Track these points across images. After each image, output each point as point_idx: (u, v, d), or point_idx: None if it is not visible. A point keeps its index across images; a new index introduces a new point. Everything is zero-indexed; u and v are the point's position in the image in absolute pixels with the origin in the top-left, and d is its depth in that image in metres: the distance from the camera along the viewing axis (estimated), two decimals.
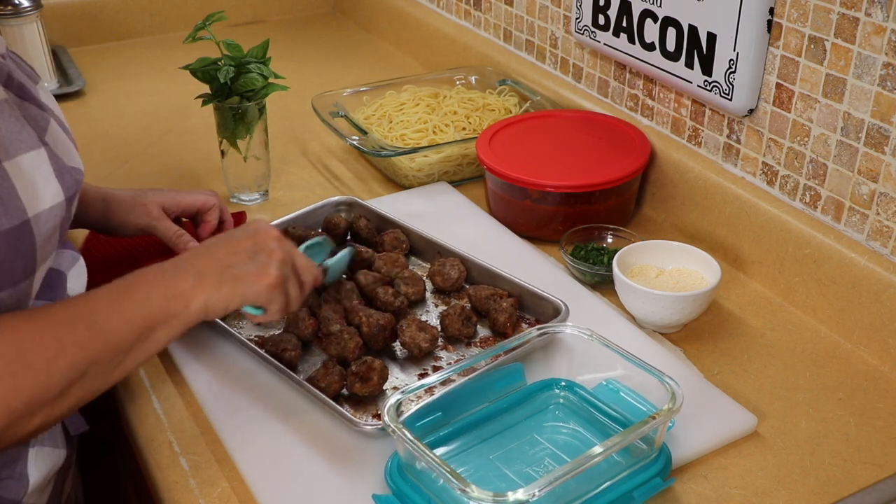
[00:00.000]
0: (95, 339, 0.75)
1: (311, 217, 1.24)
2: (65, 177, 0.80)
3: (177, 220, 1.16)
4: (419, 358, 1.01)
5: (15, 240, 0.74)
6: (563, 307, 1.02)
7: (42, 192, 0.77)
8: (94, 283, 1.09)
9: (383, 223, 1.23)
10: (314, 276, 0.94)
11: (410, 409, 0.86)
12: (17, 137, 0.76)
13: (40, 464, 0.86)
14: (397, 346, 1.03)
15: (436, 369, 0.99)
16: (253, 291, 0.84)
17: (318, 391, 0.92)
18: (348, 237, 1.23)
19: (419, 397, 0.90)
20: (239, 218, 1.27)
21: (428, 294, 1.12)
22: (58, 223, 0.79)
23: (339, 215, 1.23)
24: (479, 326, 1.06)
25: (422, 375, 0.99)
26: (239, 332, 1.05)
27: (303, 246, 1.02)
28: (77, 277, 0.93)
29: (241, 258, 0.85)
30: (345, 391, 0.95)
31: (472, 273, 1.12)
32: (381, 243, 1.18)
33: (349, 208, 1.26)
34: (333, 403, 0.90)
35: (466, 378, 0.90)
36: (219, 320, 1.02)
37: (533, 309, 1.06)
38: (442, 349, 1.02)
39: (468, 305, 1.08)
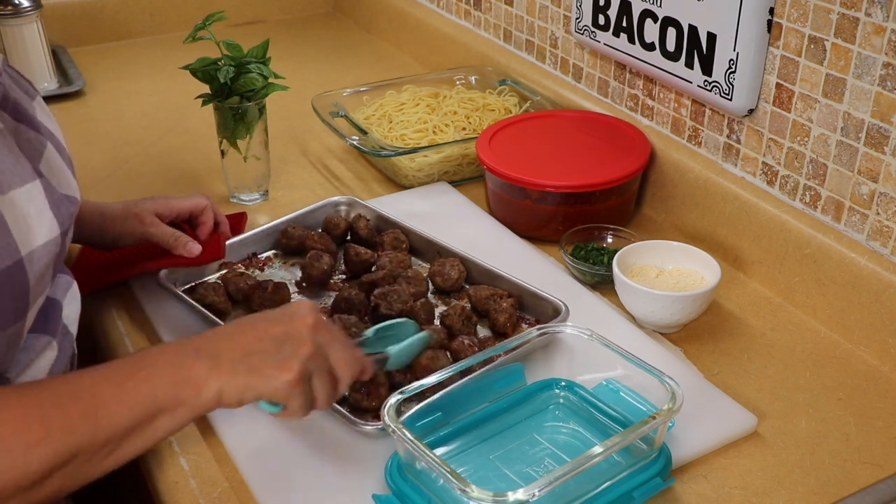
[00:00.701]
0: (87, 425, 0.68)
1: (311, 217, 1.24)
2: (60, 209, 0.76)
3: (173, 226, 1.15)
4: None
5: (7, 281, 0.70)
6: (563, 307, 1.02)
7: (36, 228, 0.73)
8: (87, 285, 1.09)
9: (383, 223, 1.23)
10: (355, 372, 0.82)
11: (410, 409, 0.86)
12: (10, 170, 0.72)
13: None
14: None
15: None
16: (269, 387, 0.75)
17: None
18: (348, 237, 1.23)
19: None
20: (240, 218, 1.27)
21: (429, 294, 1.12)
22: (52, 259, 0.75)
23: (338, 215, 1.23)
24: (479, 326, 1.06)
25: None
26: None
27: (377, 327, 0.93)
28: (71, 304, 0.90)
29: (266, 346, 0.76)
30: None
31: (473, 273, 1.12)
32: (381, 243, 1.18)
33: (349, 208, 1.26)
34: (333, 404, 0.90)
35: (466, 378, 0.90)
36: (217, 320, 1.02)
37: (533, 309, 1.06)
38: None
39: (468, 305, 1.08)
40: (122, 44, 2.02)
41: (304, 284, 1.13)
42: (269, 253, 1.21)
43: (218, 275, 1.15)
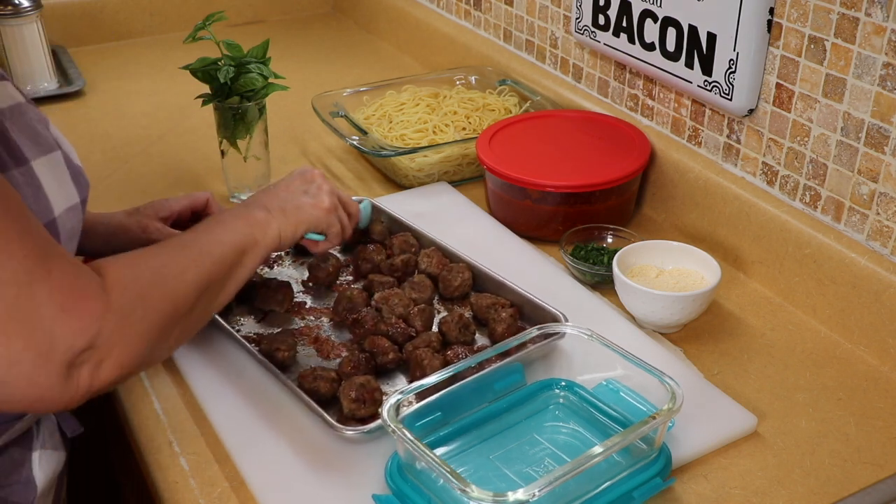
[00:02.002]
0: (207, 260, 0.82)
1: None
2: (79, 179, 0.82)
3: (177, 226, 1.16)
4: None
5: None
6: (562, 318, 1.01)
7: (62, 193, 0.78)
8: None
9: (396, 226, 1.22)
10: (356, 208, 1.06)
11: (409, 409, 0.86)
12: (38, 140, 0.77)
13: (45, 466, 0.86)
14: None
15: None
16: (315, 216, 0.97)
17: (302, 393, 0.92)
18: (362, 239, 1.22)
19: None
20: None
21: (435, 301, 1.11)
22: (77, 224, 0.80)
23: None
24: (478, 335, 1.05)
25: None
26: (237, 331, 1.05)
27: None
28: None
29: (296, 193, 0.98)
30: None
31: (478, 280, 1.11)
32: (391, 246, 1.18)
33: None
34: (316, 406, 0.90)
35: (466, 378, 0.90)
36: (218, 318, 1.02)
37: (532, 318, 1.05)
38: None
39: (468, 313, 1.08)
40: (122, 44, 2.02)
41: (310, 284, 1.13)
42: (280, 251, 1.21)
43: None
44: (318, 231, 0.99)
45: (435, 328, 1.05)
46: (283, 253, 1.20)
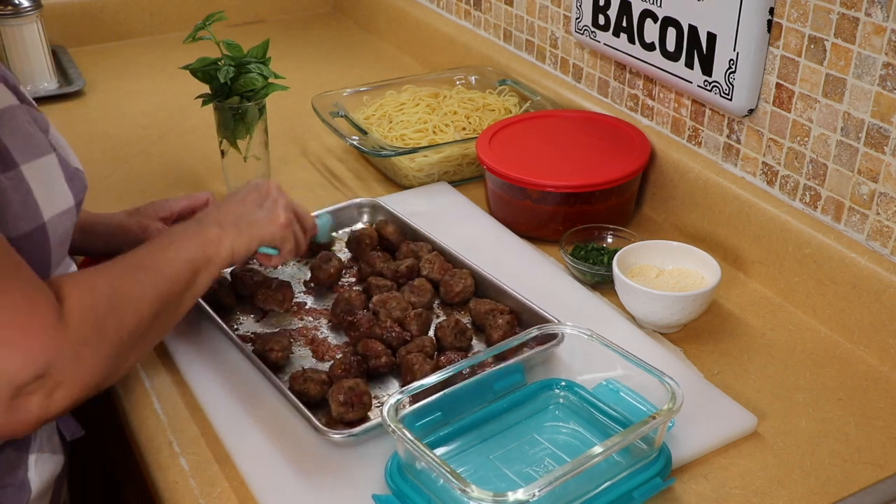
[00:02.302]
0: (163, 282, 0.82)
1: (333, 217, 1.24)
2: (74, 181, 0.82)
3: None
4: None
5: (32, 244, 0.75)
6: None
7: (55, 197, 0.78)
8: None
9: (404, 228, 1.21)
10: (312, 223, 1.06)
11: (409, 408, 0.86)
12: (31, 142, 0.77)
13: (41, 470, 0.86)
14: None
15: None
16: (268, 232, 0.96)
17: (291, 395, 0.92)
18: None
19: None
20: None
21: (435, 305, 1.11)
22: (70, 227, 0.80)
23: (367, 231, 1.20)
24: (476, 341, 1.05)
25: None
26: (234, 330, 1.05)
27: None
28: None
29: (251, 207, 0.97)
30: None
31: (479, 285, 1.11)
32: (399, 250, 1.17)
33: (372, 210, 1.26)
34: (304, 409, 0.89)
35: (467, 378, 0.90)
36: (217, 317, 1.02)
37: (530, 325, 1.03)
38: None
39: (466, 319, 1.07)
40: (122, 44, 2.02)
41: (311, 284, 1.13)
42: None
43: (228, 269, 1.15)
44: (271, 246, 0.99)
45: (431, 333, 1.05)
46: None
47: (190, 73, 1.27)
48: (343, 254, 1.21)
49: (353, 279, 1.16)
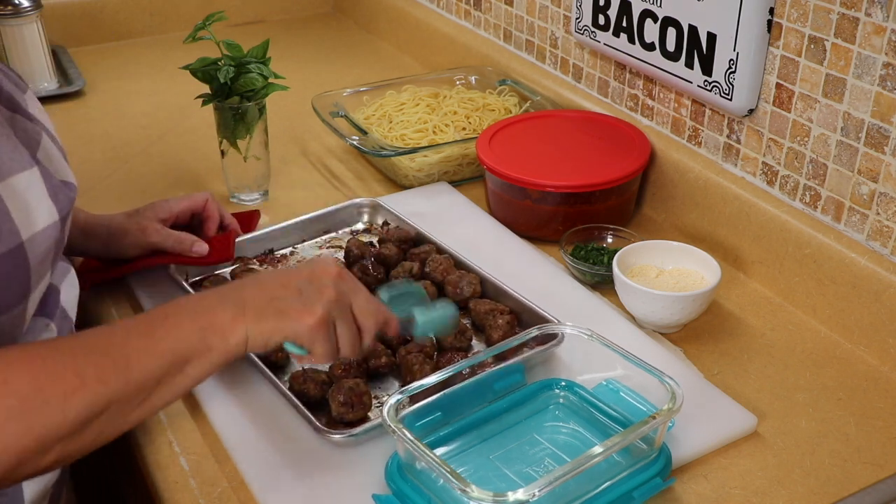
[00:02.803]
0: (120, 374, 0.70)
1: (333, 217, 1.25)
2: (58, 196, 0.78)
3: (179, 228, 1.15)
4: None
5: (9, 264, 0.72)
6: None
7: (36, 214, 0.75)
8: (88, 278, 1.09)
9: (404, 223, 1.22)
10: (380, 322, 0.84)
11: (410, 408, 0.86)
12: (9, 157, 0.74)
13: (33, 483, 0.84)
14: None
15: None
16: (293, 329, 0.77)
17: (292, 395, 0.92)
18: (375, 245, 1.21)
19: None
20: (252, 216, 1.27)
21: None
22: (52, 244, 0.77)
23: (360, 241, 1.19)
24: (476, 341, 1.05)
25: None
26: None
27: (388, 292, 0.91)
28: (69, 290, 0.91)
29: (291, 292, 0.79)
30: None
31: (483, 286, 1.11)
32: (411, 257, 1.17)
33: (372, 211, 1.26)
34: (304, 409, 0.90)
35: (467, 378, 0.90)
36: None
37: (531, 325, 1.04)
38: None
39: (466, 319, 1.07)
40: (122, 44, 2.02)
41: None
42: (286, 250, 1.21)
43: (230, 269, 1.15)
44: (297, 344, 0.80)
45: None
46: (287, 252, 1.21)
47: (190, 73, 1.27)
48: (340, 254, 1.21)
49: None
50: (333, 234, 1.25)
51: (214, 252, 1.13)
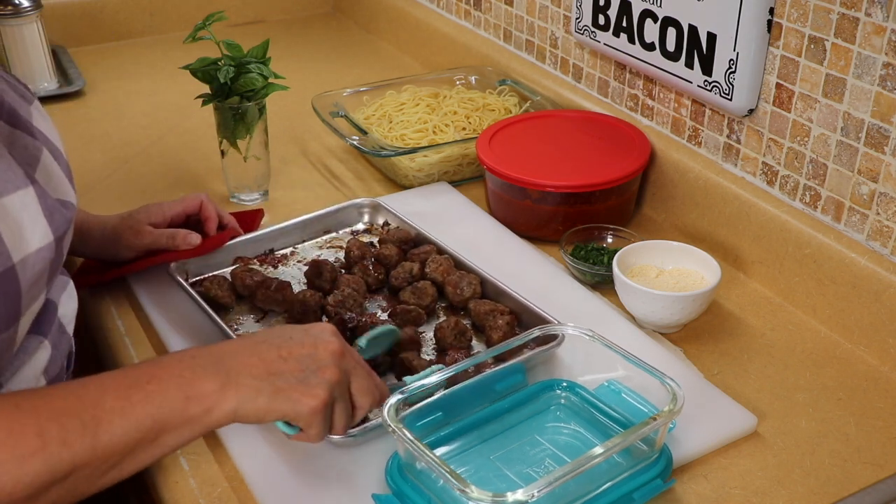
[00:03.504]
0: (86, 439, 0.65)
1: (334, 218, 1.24)
2: (54, 216, 0.76)
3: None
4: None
5: None
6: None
7: (29, 235, 0.72)
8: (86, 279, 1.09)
9: (404, 223, 1.22)
10: (375, 400, 0.82)
11: (410, 409, 0.86)
12: (2, 177, 0.72)
13: None
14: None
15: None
16: (293, 410, 0.74)
17: None
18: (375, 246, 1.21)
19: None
20: (255, 216, 1.27)
21: (437, 305, 1.11)
22: (46, 266, 0.75)
23: (360, 241, 1.19)
24: (476, 341, 1.05)
25: None
26: (235, 331, 1.05)
27: (367, 336, 0.94)
28: (68, 303, 0.89)
29: (291, 367, 0.75)
30: None
31: (483, 287, 1.10)
32: (411, 258, 1.16)
33: (372, 211, 1.26)
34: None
35: (468, 378, 0.90)
36: (217, 318, 1.02)
37: (531, 326, 1.03)
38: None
39: (466, 320, 1.07)
40: (122, 44, 2.02)
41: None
42: (287, 250, 1.21)
43: (229, 269, 1.15)
44: (291, 424, 0.78)
45: (431, 333, 1.05)
46: (288, 252, 1.20)
47: (190, 73, 1.27)
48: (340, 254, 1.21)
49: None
50: (334, 234, 1.25)
51: (208, 242, 1.13)
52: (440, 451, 0.87)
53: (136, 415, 0.67)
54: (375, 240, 1.23)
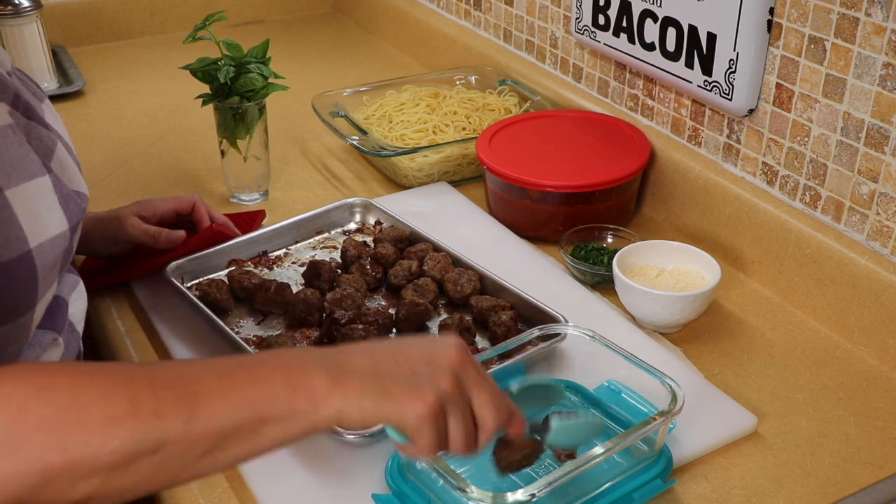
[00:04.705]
0: (181, 413, 0.60)
1: (325, 218, 1.24)
2: (69, 205, 0.77)
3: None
4: None
5: (15, 272, 0.71)
6: (563, 321, 1.01)
7: (45, 222, 0.74)
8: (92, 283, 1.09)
9: (398, 222, 1.22)
10: (503, 420, 0.72)
11: None
12: (20, 164, 0.73)
13: None
14: None
15: None
16: (397, 414, 0.66)
17: None
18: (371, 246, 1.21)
19: None
20: (255, 216, 1.27)
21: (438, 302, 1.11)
22: (61, 253, 0.76)
23: (356, 241, 1.19)
24: (479, 337, 1.05)
25: None
26: (236, 333, 1.05)
27: (518, 383, 0.86)
28: (77, 302, 0.91)
29: (403, 370, 0.68)
30: None
31: (484, 284, 1.11)
32: (408, 255, 1.16)
33: (364, 210, 1.26)
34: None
35: None
36: (217, 319, 1.02)
37: (533, 320, 1.03)
38: None
39: (469, 317, 1.07)
40: (122, 44, 2.02)
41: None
42: (280, 252, 1.21)
43: (225, 272, 1.15)
44: (399, 432, 0.69)
45: (435, 330, 1.05)
46: (281, 253, 1.20)
47: (190, 73, 1.27)
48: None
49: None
50: (326, 235, 1.24)
51: (197, 237, 1.13)
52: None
53: (237, 398, 0.62)
54: (369, 239, 1.22)
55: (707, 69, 1.17)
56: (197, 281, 1.13)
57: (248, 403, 0.62)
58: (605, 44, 1.35)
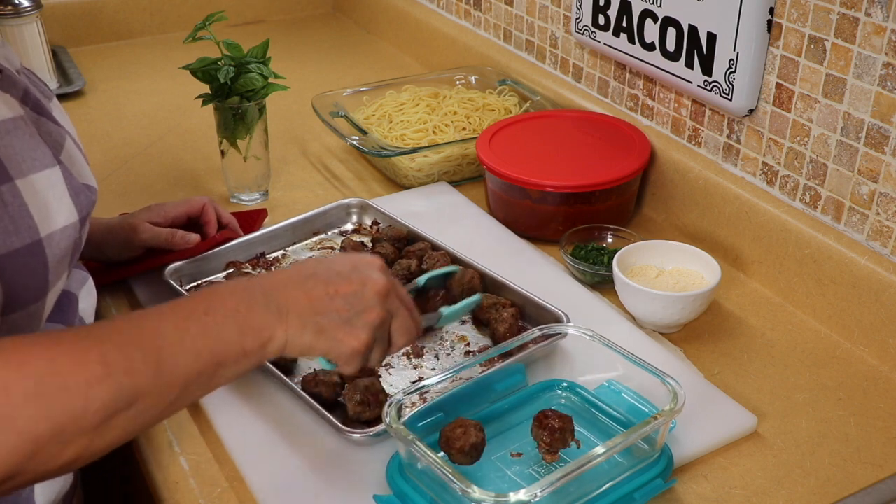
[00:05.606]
0: (149, 367, 0.65)
1: (322, 219, 1.24)
2: (79, 196, 0.79)
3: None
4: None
5: (26, 260, 0.72)
6: (564, 318, 1.01)
7: (55, 212, 0.75)
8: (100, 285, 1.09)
9: (395, 222, 1.22)
10: (411, 340, 0.83)
11: (411, 409, 0.86)
12: (31, 155, 0.75)
13: (47, 490, 0.84)
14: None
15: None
16: (335, 350, 0.76)
17: (309, 398, 0.92)
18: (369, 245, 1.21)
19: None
20: (257, 216, 1.27)
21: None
22: (71, 244, 0.77)
23: (355, 241, 1.19)
24: (480, 335, 1.05)
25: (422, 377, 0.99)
26: None
27: (427, 276, 0.99)
28: (87, 298, 0.92)
29: (337, 307, 0.75)
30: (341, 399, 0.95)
31: (483, 281, 1.11)
32: (407, 254, 1.17)
33: (361, 211, 1.26)
34: (323, 411, 0.90)
35: (468, 379, 0.90)
36: None
37: (534, 318, 1.05)
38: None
39: (469, 316, 1.07)
40: (122, 44, 2.02)
41: None
42: (278, 253, 1.21)
43: (223, 274, 1.15)
44: (331, 361, 0.79)
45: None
46: (279, 254, 1.20)
47: (190, 73, 1.27)
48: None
49: None
50: (323, 236, 1.24)
51: (204, 242, 1.13)
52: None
53: (195, 346, 0.68)
54: (366, 239, 1.22)
55: (707, 69, 1.17)
56: (195, 283, 1.13)
57: (204, 350, 0.68)
58: (605, 44, 1.35)
